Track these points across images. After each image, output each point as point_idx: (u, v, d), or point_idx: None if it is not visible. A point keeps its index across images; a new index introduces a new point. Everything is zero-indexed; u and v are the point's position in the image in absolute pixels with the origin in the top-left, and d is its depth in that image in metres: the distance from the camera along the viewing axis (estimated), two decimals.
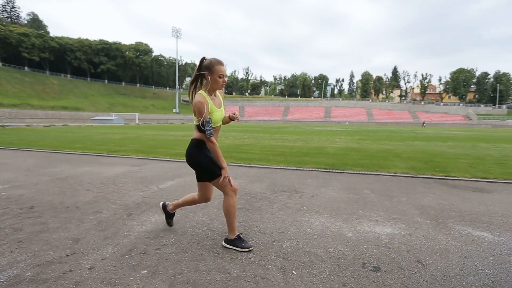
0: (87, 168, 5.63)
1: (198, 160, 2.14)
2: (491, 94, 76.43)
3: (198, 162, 2.14)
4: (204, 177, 2.19)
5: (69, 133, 16.30)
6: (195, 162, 2.16)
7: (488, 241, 2.39)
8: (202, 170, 2.16)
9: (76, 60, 65.01)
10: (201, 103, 1.99)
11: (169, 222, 2.57)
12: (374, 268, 1.91)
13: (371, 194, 3.83)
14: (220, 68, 2.05)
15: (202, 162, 2.13)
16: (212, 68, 2.03)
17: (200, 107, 1.99)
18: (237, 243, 2.16)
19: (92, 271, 1.83)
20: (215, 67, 2.03)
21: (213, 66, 2.03)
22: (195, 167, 2.19)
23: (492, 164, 6.31)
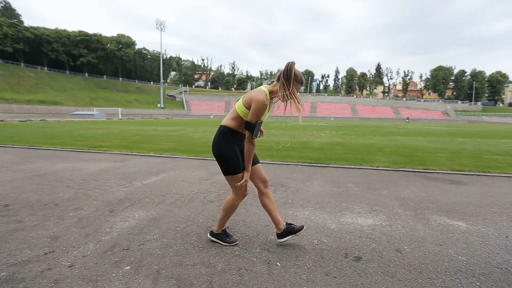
0: (67, 164, 5.43)
1: (226, 151, 1.97)
2: (468, 91, 79.86)
3: (223, 152, 1.97)
4: (222, 168, 2.02)
5: (47, 128, 15.61)
6: (219, 151, 1.98)
7: (462, 229, 2.51)
8: (224, 161, 1.98)
9: (53, 52, 61.94)
10: (264, 103, 1.83)
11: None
12: (356, 258, 1.98)
13: (354, 188, 3.93)
14: (299, 88, 1.89)
15: (228, 154, 1.96)
16: (298, 79, 1.86)
17: (261, 108, 1.84)
18: (222, 237, 2.14)
19: (72, 269, 1.78)
20: (297, 86, 1.86)
21: (300, 78, 1.86)
22: (217, 156, 2.00)
23: (467, 158, 6.63)
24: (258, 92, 1.88)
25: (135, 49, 76.00)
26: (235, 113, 1.97)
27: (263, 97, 1.84)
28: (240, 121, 1.96)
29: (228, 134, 1.98)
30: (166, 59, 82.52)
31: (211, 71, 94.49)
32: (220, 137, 1.99)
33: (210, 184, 4.02)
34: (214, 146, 2.02)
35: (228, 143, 1.97)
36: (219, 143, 1.99)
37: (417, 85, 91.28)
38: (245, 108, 1.91)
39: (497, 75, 79.17)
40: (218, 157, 2.00)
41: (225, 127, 1.99)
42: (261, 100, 1.83)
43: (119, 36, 72.59)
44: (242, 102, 1.93)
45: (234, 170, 1.98)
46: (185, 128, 17.15)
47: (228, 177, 2.02)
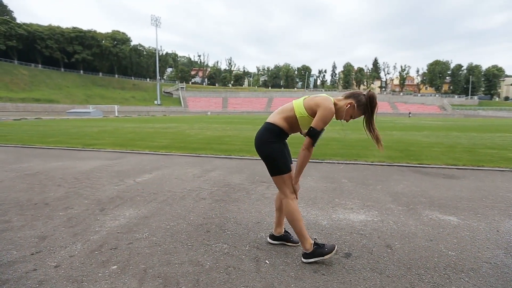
0: (59, 163, 5.38)
1: (269, 150, 1.84)
2: (464, 85, 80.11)
3: (269, 152, 1.84)
4: (268, 168, 1.89)
5: (41, 127, 15.46)
6: (264, 151, 1.85)
7: (453, 224, 2.51)
8: (271, 161, 1.85)
9: (47, 49, 61.10)
10: (332, 111, 1.75)
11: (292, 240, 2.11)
12: (345, 254, 1.97)
13: (348, 183, 3.93)
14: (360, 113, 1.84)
15: (272, 153, 1.84)
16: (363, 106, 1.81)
17: (330, 115, 1.74)
18: (320, 252, 1.82)
19: (58, 269, 1.75)
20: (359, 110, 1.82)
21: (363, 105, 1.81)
22: (262, 156, 1.88)
23: (462, 152, 6.65)
24: (326, 99, 1.77)
25: (130, 45, 75.19)
26: (290, 112, 1.83)
27: (331, 105, 1.76)
28: (293, 123, 1.84)
29: (276, 133, 1.86)
30: (162, 56, 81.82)
31: (208, 67, 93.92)
32: (267, 136, 1.85)
33: (203, 181, 4.00)
34: (260, 144, 1.87)
35: (274, 142, 1.85)
36: (265, 142, 1.85)
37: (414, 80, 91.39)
38: (305, 111, 1.79)
39: (493, 69, 79.44)
40: (264, 157, 1.87)
41: (274, 125, 1.86)
42: (331, 108, 1.74)
43: (114, 33, 71.76)
44: (303, 104, 1.80)
45: (281, 170, 1.85)
46: (181, 125, 17.07)
47: (275, 177, 1.88)
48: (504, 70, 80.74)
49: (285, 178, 1.87)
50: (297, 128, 1.89)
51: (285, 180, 1.87)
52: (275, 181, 1.91)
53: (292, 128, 1.89)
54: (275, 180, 1.91)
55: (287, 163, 1.88)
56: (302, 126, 1.86)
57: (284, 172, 1.86)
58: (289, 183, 1.88)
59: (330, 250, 1.82)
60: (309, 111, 1.79)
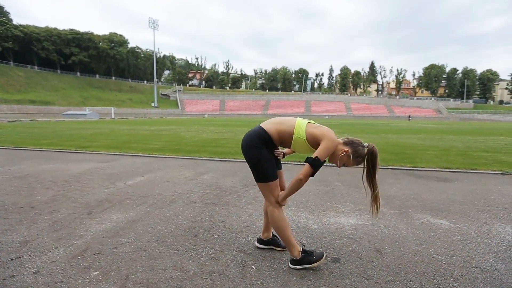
0: (50, 165, 5.30)
1: (259, 155, 1.76)
2: (460, 89, 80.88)
3: (258, 158, 1.76)
4: (254, 174, 1.83)
5: (35, 129, 15.32)
6: (253, 155, 1.77)
7: (444, 228, 2.49)
8: (257, 166, 1.78)
9: (43, 50, 60.79)
10: (335, 145, 1.74)
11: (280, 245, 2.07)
12: (333, 259, 1.93)
13: (341, 186, 3.90)
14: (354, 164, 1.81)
15: (261, 159, 1.76)
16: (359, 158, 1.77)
17: (332, 148, 1.72)
18: (308, 259, 1.78)
19: (37, 276, 1.70)
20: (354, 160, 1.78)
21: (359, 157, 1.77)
22: (249, 161, 1.81)
23: (456, 155, 6.66)
24: (330, 132, 1.75)
25: (128, 47, 75.06)
26: (288, 129, 1.77)
27: (336, 139, 1.76)
28: (286, 138, 1.79)
29: (264, 140, 1.77)
30: (159, 58, 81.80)
31: (205, 70, 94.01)
32: (256, 140, 1.77)
33: (194, 184, 3.95)
34: (247, 149, 1.79)
35: (261, 148, 1.77)
36: (252, 147, 1.77)
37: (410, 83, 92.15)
38: (305, 135, 1.74)
39: (488, 73, 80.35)
40: (250, 162, 1.80)
41: (266, 133, 1.77)
42: (336, 141, 1.74)
43: (111, 35, 71.64)
44: (305, 128, 1.76)
45: (267, 177, 1.78)
46: (177, 128, 17.00)
47: (261, 184, 1.82)
48: (499, 74, 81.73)
49: (270, 185, 1.80)
50: (287, 145, 1.84)
51: (271, 187, 1.81)
52: (260, 187, 1.86)
53: (282, 143, 1.84)
54: (260, 186, 1.85)
55: (274, 170, 1.82)
56: (294, 146, 1.82)
57: (270, 180, 1.79)
58: (275, 191, 1.82)
59: (318, 258, 1.78)
60: (309, 137, 1.74)
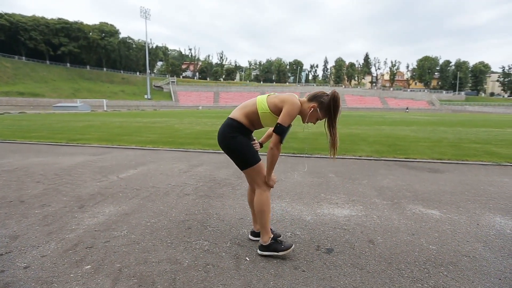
0: (40, 158, 5.20)
1: (232, 144, 1.79)
2: (452, 81, 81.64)
3: (232, 147, 1.79)
4: (237, 162, 1.84)
5: (24, 121, 14.97)
6: (228, 145, 1.81)
7: (435, 218, 2.53)
8: (237, 155, 1.80)
9: (31, 40, 58.85)
10: (298, 107, 1.73)
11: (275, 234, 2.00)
12: (327, 250, 1.95)
13: (334, 178, 3.92)
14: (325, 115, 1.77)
15: (238, 146, 1.79)
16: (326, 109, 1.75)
17: (296, 111, 1.72)
18: (275, 247, 1.83)
19: (28, 270, 1.67)
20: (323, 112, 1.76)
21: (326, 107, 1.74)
22: (227, 151, 1.84)
23: (447, 146, 6.76)
24: (291, 95, 1.77)
25: (119, 38, 73.26)
26: (252, 108, 1.80)
27: (298, 101, 1.76)
28: (254, 119, 1.81)
29: (236, 128, 1.81)
30: (152, 49, 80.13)
31: (199, 61, 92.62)
32: (227, 131, 1.81)
33: (188, 176, 3.92)
34: (222, 141, 1.84)
35: (236, 136, 1.79)
36: (227, 138, 1.80)
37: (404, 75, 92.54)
38: (267, 107, 1.76)
39: (480, 65, 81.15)
40: (228, 152, 1.83)
41: (235, 121, 1.81)
42: (297, 103, 1.74)
43: (101, 25, 69.74)
44: (266, 100, 1.78)
45: (249, 162, 1.79)
46: (171, 120, 16.82)
47: (246, 171, 1.83)
48: (490, 67, 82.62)
49: (256, 169, 1.81)
50: (259, 125, 1.85)
51: (257, 171, 1.82)
52: (247, 174, 1.88)
53: (254, 124, 1.85)
54: (246, 173, 1.87)
55: (255, 154, 1.83)
56: (264, 122, 1.82)
57: (254, 163, 1.80)
58: (261, 173, 1.82)
59: (286, 248, 1.83)
60: (272, 108, 1.76)
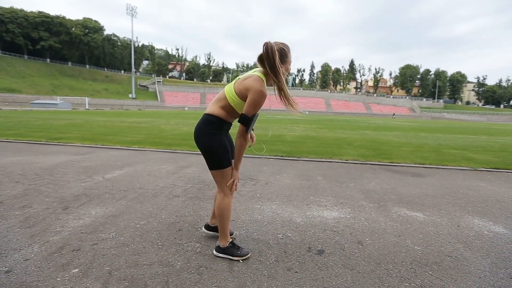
0: (19, 157, 4.96)
1: (212, 142, 1.73)
2: (432, 89, 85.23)
3: (211, 145, 1.73)
4: (208, 161, 1.78)
5: (0, 118, 14.23)
6: (204, 143, 1.74)
7: (419, 220, 2.64)
8: (210, 154, 1.75)
9: (8, 33, 56.19)
10: (263, 94, 1.61)
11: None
12: (318, 251, 1.98)
13: (322, 181, 3.99)
14: (291, 55, 1.68)
15: (214, 146, 1.73)
16: (287, 56, 1.66)
17: (260, 99, 1.61)
18: (232, 251, 1.83)
19: (10, 275, 1.59)
20: (289, 55, 1.67)
21: (287, 53, 1.66)
22: (202, 149, 1.76)
23: (429, 152, 7.05)
24: (255, 81, 1.63)
25: (103, 35, 71.29)
26: (224, 101, 1.72)
27: (262, 87, 1.62)
28: (230, 110, 1.73)
29: (214, 124, 1.73)
30: (138, 47, 78.52)
31: (186, 61, 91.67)
32: (205, 127, 1.74)
33: (177, 178, 3.87)
34: (198, 137, 1.76)
35: (214, 133, 1.73)
36: (204, 134, 1.73)
37: (387, 82, 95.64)
38: (237, 96, 1.67)
39: (457, 75, 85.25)
40: (203, 149, 1.76)
41: (211, 115, 1.74)
42: (260, 91, 1.61)
43: (85, 20, 67.66)
44: (233, 89, 1.69)
45: (221, 164, 1.75)
46: (157, 120, 16.52)
47: (214, 171, 1.78)
48: (467, 77, 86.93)
49: (224, 172, 1.78)
50: (237, 114, 1.75)
51: (224, 175, 1.78)
52: (214, 175, 1.82)
53: (232, 116, 1.77)
54: (213, 174, 1.81)
55: (228, 156, 1.78)
56: (240, 111, 1.72)
57: (224, 166, 1.77)
58: (228, 178, 1.79)
59: (242, 254, 1.83)
60: (240, 96, 1.67)
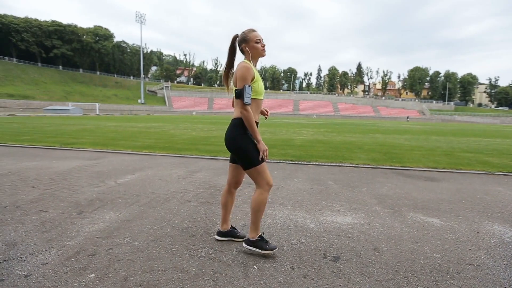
0: (34, 162, 5.07)
1: (240, 143, 1.87)
2: (442, 91, 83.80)
3: (239, 145, 1.87)
4: (240, 163, 1.93)
5: (15, 124, 14.64)
6: (235, 145, 1.89)
7: (436, 226, 2.57)
8: (242, 155, 1.88)
9: (23, 42, 58.07)
10: (246, 68, 1.82)
11: (239, 236, 2.18)
12: (334, 258, 1.95)
13: (334, 185, 3.94)
14: (255, 34, 1.92)
15: (243, 145, 1.87)
16: (247, 37, 1.91)
17: (244, 73, 1.81)
18: (261, 244, 1.93)
19: (29, 279, 1.62)
20: (249, 35, 1.91)
21: (247, 35, 1.91)
22: (235, 151, 1.91)
23: (441, 155, 6.89)
24: (238, 65, 1.89)
25: (113, 42, 72.97)
26: (237, 101, 1.89)
27: (244, 63, 1.85)
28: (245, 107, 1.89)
29: (240, 125, 1.88)
30: (146, 53, 79.99)
31: (194, 66, 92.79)
32: (234, 131, 1.90)
33: (188, 182, 3.88)
34: (229, 141, 1.92)
35: (241, 135, 1.88)
36: (233, 138, 1.90)
37: (395, 85, 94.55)
38: (234, 87, 1.88)
39: (468, 76, 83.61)
40: (235, 152, 1.91)
41: (235, 119, 1.91)
42: (242, 66, 1.83)
43: (96, 28, 69.42)
44: (234, 87, 1.89)
45: (253, 162, 1.87)
46: (166, 125, 16.71)
47: (249, 171, 1.90)
48: (478, 78, 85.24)
49: (258, 169, 1.89)
50: (255, 110, 1.92)
51: (259, 171, 1.89)
52: (249, 174, 1.93)
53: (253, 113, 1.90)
54: (248, 173, 1.93)
55: (257, 154, 1.89)
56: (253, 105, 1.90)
57: (256, 164, 1.88)
58: (264, 174, 1.90)
59: (270, 248, 1.93)
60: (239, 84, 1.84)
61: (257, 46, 1.92)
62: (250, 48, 1.91)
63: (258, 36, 1.92)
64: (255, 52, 1.93)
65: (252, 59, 1.93)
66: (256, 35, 1.92)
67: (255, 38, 1.91)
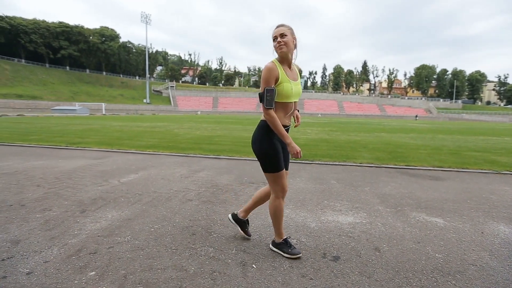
0: (40, 161, 5.16)
1: (260, 146, 1.85)
2: (449, 89, 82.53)
3: (259, 148, 1.86)
4: (262, 164, 1.89)
5: (23, 124, 14.90)
6: (255, 147, 1.88)
7: (439, 226, 2.53)
8: (264, 158, 1.85)
9: (31, 43, 58.99)
10: (267, 69, 1.74)
11: (246, 231, 2.21)
12: (333, 257, 1.93)
13: (337, 184, 3.92)
14: (273, 31, 1.83)
15: (263, 149, 1.84)
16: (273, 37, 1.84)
17: (265, 74, 1.73)
18: (283, 248, 1.94)
19: (30, 276, 1.64)
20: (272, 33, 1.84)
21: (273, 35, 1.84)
22: (254, 151, 1.90)
23: (447, 154, 6.79)
24: (264, 66, 1.80)
25: (119, 42, 73.62)
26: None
27: (269, 64, 1.77)
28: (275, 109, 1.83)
29: (265, 128, 1.84)
30: (152, 54, 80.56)
31: (199, 66, 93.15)
32: (261, 132, 1.87)
33: (190, 181, 3.90)
34: (255, 142, 1.90)
35: (266, 138, 1.85)
36: (260, 139, 1.87)
37: (401, 83, 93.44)
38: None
39: (476, 74, 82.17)
40: (258, 153, 1.88)
41: (262, 121, 1.88)
42: (265, 68, 1.77)
43: (102, 29, 70.13)
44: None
45: (274, 167, 1.84)
46: (170, 124, 16.81)
47: (267, 174, 1.89)
48: (486, 76, 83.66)
49: (274, 176, 1.87)
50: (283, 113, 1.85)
51: (275, 177, 1.88)
52: (266, 177, 1.93)
53: (279, 117, 1.83)
54: (266, 176, 1.93)
55: (280, 161, 1.86)
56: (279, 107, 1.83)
57: (274, 171, 1.86)
58: (279, 181, 1.88)
59: (292, 253, 1.91)
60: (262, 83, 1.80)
61: (274, 44, 1.84)
62: (274, 47, 1.84)
63: (273, 33, 1.84)
64: (277, 52, 1.83)
65: (280, 58, 1.84)
66: (273, 33, 1.83)
67: (272, 36, 1.84)
